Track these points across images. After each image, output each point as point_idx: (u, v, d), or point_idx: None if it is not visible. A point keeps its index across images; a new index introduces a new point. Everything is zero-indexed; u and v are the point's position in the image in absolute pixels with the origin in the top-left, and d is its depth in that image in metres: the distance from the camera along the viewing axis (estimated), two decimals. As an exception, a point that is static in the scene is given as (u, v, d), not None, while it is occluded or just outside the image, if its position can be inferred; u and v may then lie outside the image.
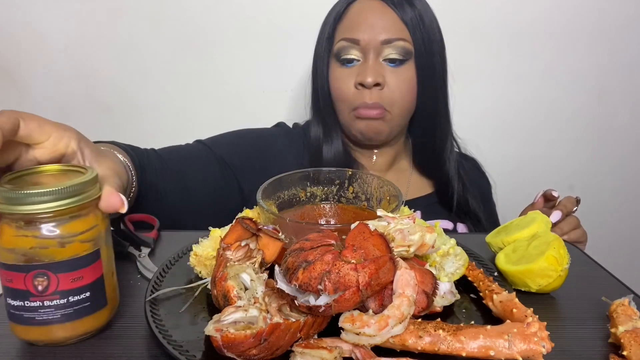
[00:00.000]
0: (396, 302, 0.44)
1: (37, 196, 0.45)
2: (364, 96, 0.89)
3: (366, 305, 0.48)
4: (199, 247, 0.61)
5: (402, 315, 0.44)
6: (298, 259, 0.44)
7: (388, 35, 0.88)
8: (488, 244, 0.71)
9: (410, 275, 0.46)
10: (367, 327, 0.43)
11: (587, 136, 1.38)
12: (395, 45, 0.88)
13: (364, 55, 0.89)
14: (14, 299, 0.48)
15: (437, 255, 0.57)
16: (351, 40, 0.89)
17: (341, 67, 0.91)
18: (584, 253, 0.75)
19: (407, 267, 0.47)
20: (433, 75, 0.93)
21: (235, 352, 0.43)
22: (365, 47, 0.88)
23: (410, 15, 0.89)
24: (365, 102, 0.89)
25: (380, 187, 0.67)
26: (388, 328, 0.43)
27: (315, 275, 0.42)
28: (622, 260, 1.16)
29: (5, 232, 0.47)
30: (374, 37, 0.88)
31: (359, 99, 0.89)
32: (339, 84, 0.92)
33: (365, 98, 0.89)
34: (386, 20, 0.89)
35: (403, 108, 0.92)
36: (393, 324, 0.43)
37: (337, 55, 0.91)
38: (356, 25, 0.89)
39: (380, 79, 0.87)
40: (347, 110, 0.93)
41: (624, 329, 0.49)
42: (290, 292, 0.44)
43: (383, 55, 0.89)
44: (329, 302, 0.43)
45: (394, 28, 0.89)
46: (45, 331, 0.49)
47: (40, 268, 0.47)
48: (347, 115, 0.93)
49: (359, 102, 0.90)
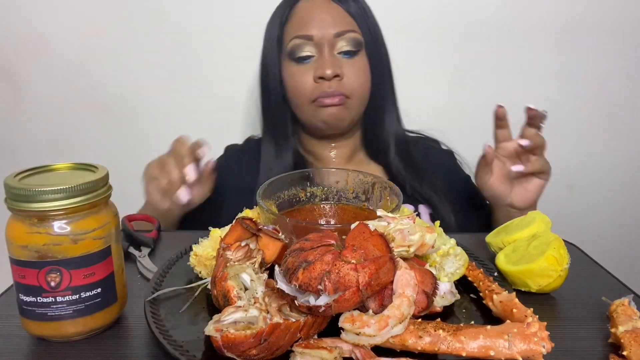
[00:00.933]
0: (396, 302, 0.44)
1: (49, 194, 0.47)
2: (324, 87, 0.91)
3: (366, 305, 0.48)
4: (199, 247, 0.61)
5: (402, 316, 0.44)
6: (298, 259, 0.44)
7: (339, 28, 0.91)
8: (488, 244, 0.71)
9: (410, 275, 0.46)
10: (367, 327, 0.43)
11: (587, 136, 1.37)
12: (347, 38, 0.92)
13: (319, 50, 0.92)
14: (27, 295, 0.49)
15: (437, 255, 0.57)
16: (304, 37, 0.91)
17: (297, 65, 0.93)
18: (584, 253, 0.75)
19: (407, 267, 0.47)
20: (382, 64, 0.98)
21: (235, 352, 0.43)
22: (319, 42, 0.91)
23: (355, 8, 0.94)
24: (326, 91, 0.91)
25: (380, 187, 0.67)
26: (388, 328, 0.43)
27: (315, 275, 0.42)
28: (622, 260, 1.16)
29: (18, 229, 0.48)
30: (326, 31, 0.91)
31: (319, 90, 0.92)
32: (296, 79, 0.93)
33: (325, 88, 0.91)
34: (335, 15, 0.92)
35: (362, 95, 0.96)
36: (393, 324, 0.43)
37: (291, 54, 0.93)
38: (307, 22, 0.92)
39: (338, 71, 0.90)
40: (307, 104, 0.94)
41: (624, 329, 0.49)
42: (290, 292, 0.44)
43: (337, 48, 0.92)
44: (329, 302, 0.43)
45: (343, 21, 0.92)
46: (56, 327, 0.49)
47: (53, 264, 0.48)
48: (308, 108, 0.94)
49: (319, 92, 0.92)
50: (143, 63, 1.29)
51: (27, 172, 0.51)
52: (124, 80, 1.30)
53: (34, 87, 1.30)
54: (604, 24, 1.28)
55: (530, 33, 1.28)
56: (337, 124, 0.96)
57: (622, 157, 1.39)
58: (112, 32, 1.26)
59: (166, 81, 1.30)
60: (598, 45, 1.30)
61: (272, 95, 0.99)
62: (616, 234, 1.42)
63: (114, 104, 1.31)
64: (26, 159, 1.32)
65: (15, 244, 0.48)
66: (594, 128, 1.37)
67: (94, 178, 0.50)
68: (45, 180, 0.50)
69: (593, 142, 1.38)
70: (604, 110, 1.36)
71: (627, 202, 1.43)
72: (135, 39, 1.27)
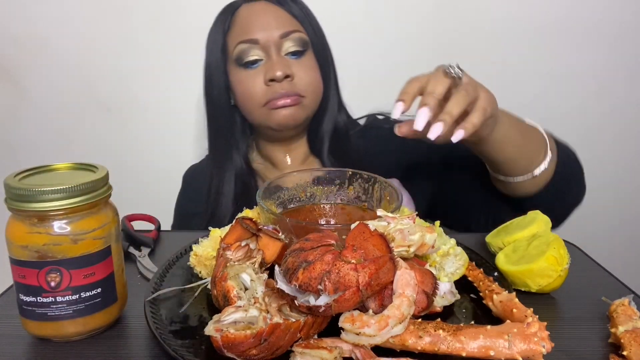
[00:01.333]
0: (396, 302, 0.44)
1: (49, 194, 0.47)
2: (276, 89, 0.90)
3: (366, 305, 0.48)
4: (199, 247, 0.61)
5: (402, 316, 0.44)
6: (298, 259, 0.44)
7: (284, 29, 0.90)
8: (488, 244, 0.71)
9: (410, 275, 0.46)
10: (367, 327, 0.43)
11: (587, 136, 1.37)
12: (293, 38, 0.91)
13: (266, 53, 0.91)
14: (27, 295, 0.49)
15: (437, 255, 0.57)
16: (250, 41, 0.90)
17: (245, 70, 0.91)
18: (584, 253, 0.75)
19: (407, 267, 0.47)
20: (327, 62, 0.98)
21: (235, 352, 0.43)
22: (265, 44, 0.90)
23: (296, 9, 0.94)
24: (279, 92, 0.90)
25: (380, 187, 0.67)
26: (388, 328, 0.43)
27: (315, 275, 0.42)
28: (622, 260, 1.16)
29: (18, 229, 0.48)
30: (271, 33, 0.90)
31: (271, 92, 0.90)
32: (246, 85, 0.92)
33: (278, 89, 0.90)
34: (278, 17, 0.92)
35: (315, 93, 0.95)
36: (393, 324, 0.43)
37: (238, 61, 0.91)
38: (251, 27, 0.91)
39: (288, 71, 0.89)
40: (259, 108, 0.92)
41: (624, 329, 0.49)
42: (290, 292, 0.44)
43: (284, 49, 0.91)
44: (329, 302, 0.43)
45: (287, 22, 0.92)
46: (56, 327, 0.50)
47: (53, 264, 0.48)
48: (260, 112, 0.92)
49: (271, 94, 0.90)
50: (143, 63, 1.29)
51: (27, 172, 0.52)
52: (124, 80, 1.30)
53: (34, 87, 1.30)
54: (604, 24, 1.28)
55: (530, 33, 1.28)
56: (292, 123, 0.93)
57: (622, 157, 1.39)
58: (112, 32, 1.26)
59: (166, 81, 1.30)
60: (598, 45, 1.30)
61: (218, 105, 0.97)
62: (616, 234, 1.42)
63: (114, 104, 1.31)
64: (26, 159, 1.32)
65: (15, 244, 0.48)
66: (594, 128, 1.37)
67: (94, 178, 0.50)
68: (45, 180, 0.50)
69: (593, 142, 1.38)
70: (604, 110, 1.36)
71: (627, 202, 1.43)
72: (135, 39, 1.27)
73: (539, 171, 0.75)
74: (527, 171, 0.75)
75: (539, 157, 0.75)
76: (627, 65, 1.32)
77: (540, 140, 0.76)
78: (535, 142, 0.75)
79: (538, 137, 0.76)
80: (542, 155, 0.75)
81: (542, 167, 0.75)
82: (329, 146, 0.99)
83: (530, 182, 0.76)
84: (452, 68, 0.63)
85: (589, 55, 1.31)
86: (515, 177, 0.76)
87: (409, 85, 0.63)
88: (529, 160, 0.75)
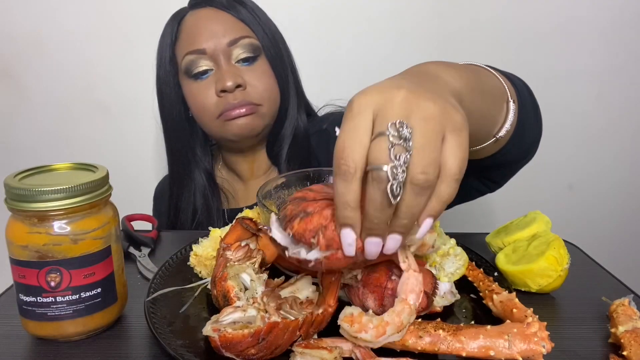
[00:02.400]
0: (397, 308, 0.44)
1: (49, 194, 0.47)
2: (229, 99, 0.85)
3: (365, 305, 0.48)
4: (199, 247, 0.61)
5: (401, 325, 0.43)
6: (297, 207, 0.42)
7: (232, 36, 0.86)
8: (488, 244, 0.71)
9: (418, 280, 0.44)
10: (364, 332, 0.43)
11: (587, 136, 1.38)
12: (242, 44, 0.87)
13: (215, 63, 0.86)
14: (27, 295, 0.49)
15: (437, 255, 0.57)
16: (197, 52, 0.86)
17: (196, 82, 0.88)
18: (584, 253, 0.75)
19: (417, 270, 0.45)
20: (284, 65, 0.92)
21: (234, 352, 0.43)
22: (213, 54, 0.86)
23: (245, 13, 0.89)
24: (232, 102, 0.86)
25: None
26: (385, 336, 0.43)
27: (311, 227, 0.40)
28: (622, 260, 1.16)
29: (18, 229, 0.48)
30: (218, 41, 0.86)
31: (224, 103, 0.86)
32: (197, 97, 0.88)
33: (230, 100, 0.86)
34: (224, 23, 0.87)
35: (271, 100, 0.90)
36: (391, 332, 0.43)
37: (187, 72, 0.88)
38: (197, 36, 0.87)
39: (240, 80, 0.85)
40: (212, 120, 0.88)
41: (624, 329, 0.49)
42: (282, 241, 0.42)
43: (234, 57, 0.87)
44: (319, 258, 0.41)
45: (235, 28, 0.87)
46: (56, 327, 0.50)
47: (53, 264, 0.48)
48: (215, 124, 0.88)
49: (224, 106, 0.86)
50: (143, 63, 1.29)
51: (27, 172, 0.52)
52: (124, 80, 1.30)
53: (34, 87, 1.30)
54: (604, 24, 1.28)
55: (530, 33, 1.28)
56: (250, 133, 0.89)
57: (622, 157, 1.39)
58: (112, 32, 1.26)
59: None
60: (598, 45, 1.30)
61: (170, 118, 0.94)
62: (616, 234, 1.42)
63: (114, 104, 1.31)
64: (26, 159, 1.32)
65: (15, 244, 0.48)
66: (594, 128, 1.37)
67: (94, 178, 0.50)
68: (45, 180, 0.50)
69: (593, 142, 1.38)
70: (604, 110, 1.36)
71: (627, 202, 1.42)
72: (135, 39, 1.27)
73: (503, 131, 0.59)
74: (488, 137, 0.59)
75: (501, 115, 0.59)
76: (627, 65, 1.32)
77: (500, 94, 0.59)
78: (498, 101, 0.58)
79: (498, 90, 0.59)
80: (505, 111, 0.59)
81: (507, 125, 0.58)
82: (287, 152, 0.94)
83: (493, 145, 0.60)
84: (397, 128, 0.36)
85: (590, 55, 1.31)
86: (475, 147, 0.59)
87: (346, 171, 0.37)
88: (491, 124, 0.58)
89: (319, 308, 0.46)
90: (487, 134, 0.59)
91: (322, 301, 0.47)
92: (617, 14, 1.28)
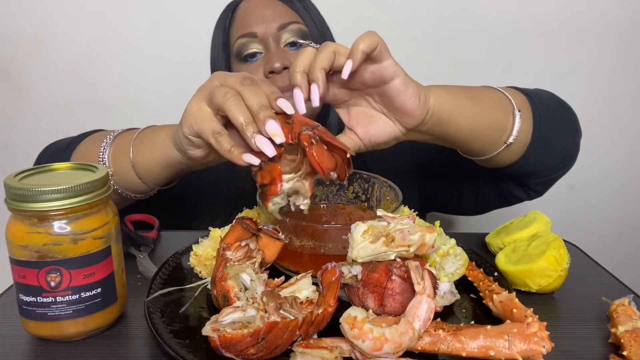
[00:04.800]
0: (401, 328, 0.43)
1: (49, 194, 0.47)
2: (277, 82, 0.88)
3: (365, 304, 0.48)
4: (199, 247, 0.61)
5: (399, 347, 0.43)
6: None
7: (282, 21, 0.90)
8: (488, 244, 0.71)
9: (430, 307, 0.45)
10: (361, 341, 0.43)
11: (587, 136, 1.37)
12: (291, 29, 0.90)
13: (265, 46, 0.90)
14: (27, 295, 0.49)
15: (437, 255, 0.57)
16: (249, 35, 0.90)
17: (246, 64, 0.91)
18: (584, 253, 0.75)
19: (431, 296, 0.45)
20: None
21: (233, 351, 0.43)
22: (263, 37, 0.89)
23: (295, 1, 0.94)
24: (279, 84, 0.87)
25: (380, 187, 0.67)
26: (381, 352, 0.43)
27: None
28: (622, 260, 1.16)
29: (18, 229, 0.48)
30: (269, 25, 0.89)
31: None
32: None
33: (279, 82, 0.88)
34: (275, 9, 0.91)
35: None
36: (387, 350, 0.43)
37: (238, 55, 0.91)
38: (249, 21, 0.91)
39: (287, 63, 0.87)
40: None
41: (624, 329, 0.49)
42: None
43: (283, 41, 0.90)
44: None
45: (285, 14, 0.91)
46: (56, 327, 0.50)
47: (53, 264, 0.48)
48: None
49: None
50: (143, 63, 1.29)
51: (27, 172, 0.51)
52: (124, 80, 1.30)
53: (34, 87, 1.30)
54: (604, 24, 1.28)
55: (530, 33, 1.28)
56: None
57: (622, 158, 1.39)
58: (112, 32, 1.26)
59: (166, 81, 1.30)
60: (599, 45, 1.30)
61: None
62: (616, 234, 1.42)
63: (114, 104, 1.31)
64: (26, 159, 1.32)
65: (15, 244, 0.48)
66: (594, 128, 1.37)
67: (94, 178, 0.50)
68: (45, 180, 0.50)
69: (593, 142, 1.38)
70: (605, 110, 1.36)
71: (627, 202, 1.43)
72: (135, 39, 1.27)
73: (512, 138, 0.66)
74: (498, 143, 0.66)
75: (507, 122, 0.66)
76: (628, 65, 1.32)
77: (503, 103, 0.67)
78: (498, 107, 0.66)
79: (499, 99, 0.67)
80: (511, 118, 0.66)
81: (515, 132, 0.65)
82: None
83: (508, 151, 0.67)
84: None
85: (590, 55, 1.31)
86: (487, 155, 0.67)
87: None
88: (496, 130, 0.65)
89: (319, 308, 0.46)
90: (496, 139, 0.66)
91: (322, 301, 0.47)
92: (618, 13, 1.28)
